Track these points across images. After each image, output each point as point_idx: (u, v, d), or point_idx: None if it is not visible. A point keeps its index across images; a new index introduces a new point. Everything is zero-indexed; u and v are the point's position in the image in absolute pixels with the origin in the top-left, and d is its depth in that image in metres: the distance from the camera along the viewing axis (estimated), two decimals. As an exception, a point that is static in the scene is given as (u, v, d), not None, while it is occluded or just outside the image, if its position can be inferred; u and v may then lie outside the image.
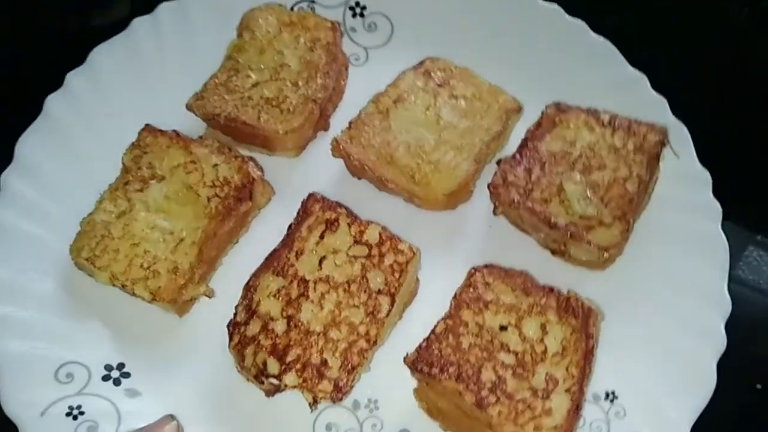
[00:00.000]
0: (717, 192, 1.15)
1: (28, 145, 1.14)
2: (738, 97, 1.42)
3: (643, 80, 1.25)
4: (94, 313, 1.04)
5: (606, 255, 1.06)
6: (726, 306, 1.04)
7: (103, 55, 1.24)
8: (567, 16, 1.31)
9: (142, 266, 1.03)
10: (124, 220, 1.06)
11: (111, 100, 1.22)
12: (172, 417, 0.94)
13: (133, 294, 1.02)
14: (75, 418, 0.94)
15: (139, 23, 1.27)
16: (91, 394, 0.97)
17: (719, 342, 1.02)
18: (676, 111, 1.22)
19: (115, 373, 1.00)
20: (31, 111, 1.17)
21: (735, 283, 1.16)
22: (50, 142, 1.15)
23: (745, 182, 1.29)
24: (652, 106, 1.22)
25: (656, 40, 1.44)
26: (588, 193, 1.09)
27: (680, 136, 1.19)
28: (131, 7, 1.45)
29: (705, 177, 1.15)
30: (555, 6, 1.32)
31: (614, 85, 1.26)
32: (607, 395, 1.01)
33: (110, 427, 0.94)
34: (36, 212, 1.09)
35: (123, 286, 1.02)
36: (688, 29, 1.31)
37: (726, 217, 1.13)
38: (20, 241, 1.06)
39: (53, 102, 1.18)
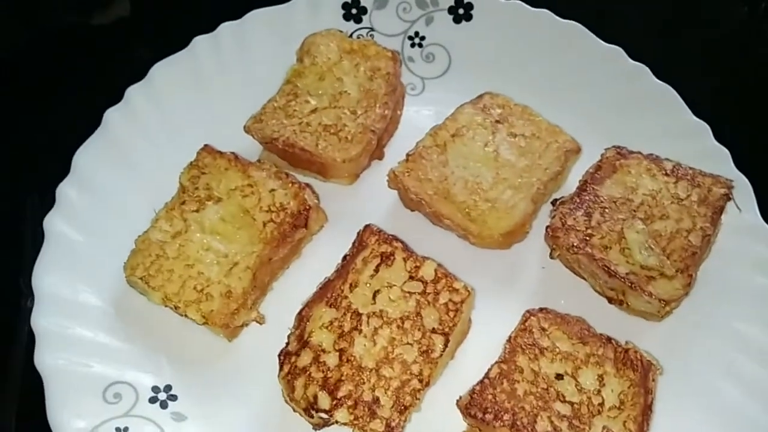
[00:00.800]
0: None
1: (86, 157, 1.14)
2: (738, 96, 1.40)
3: (706, 130, 1.23)
4: (144, 333, 1.04)
5: (666, 308, 1.03)
6: (785, 366, 1.01)
7: (163, 71, 1.24)
8: (629, 59, 1.30)
9: (195, 288, 1.02)
10: (179, 241, 1.06)
11: (170, 117, 1.23)
12: None
13: (185, 316, 1.01)
14: (120, 440, 0.92)
15: (200, 41, 1.28)
16: (137, 416, 0.95)
17: (779, 403, 0.99)
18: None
19: (162, 395, 0.99)
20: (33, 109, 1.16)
21: None
22: (108, 155, 1.16)
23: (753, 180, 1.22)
24: (715, 157, 1.20)
25: (655, 40, 1.44)
26: (650, 243, 1.07)
27: (742, 188, 1.16)
28: (131, 7, 1.47)
29: (766, 233, 1.13)
30: (617, 48, 1.30)
31: (675, 132, 1.24)
32: (664, 452, 0.99)
33: (155, 452, 0.93)
34: (90, 226, 1.09)
35: (175, 308, 1.01)
36: (687, 28, 1.29)
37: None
38: (73, 254, 1.06)
39: (113, 116, 1.18)
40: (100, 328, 1.02)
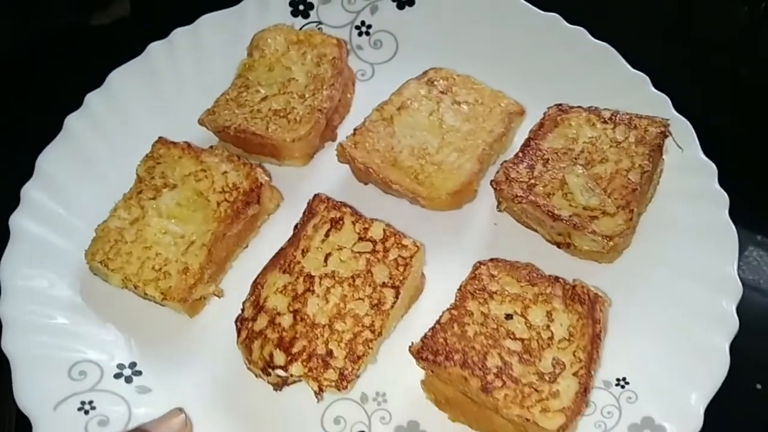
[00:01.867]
0: None
1: (48, 160, 1.19)
2: (738, 96, 1.41)
3: (644, 80, 1.26)
4: (108, 316, 1.07)
5: (611, 243, 1.05)
6: (737, 289, 1.03)
7: (120, 77, 1.30)
8: (566, 24, 1.35)
9: (153, 268, 1.06)
10: (137, 226, 1.10)
11: (127, 119, 1.28)
12: (180, 410, 0.95)
13: (145, 295, 1.05)
14: (86, 412, 0.95)
15: (154, 47, 1.34)
16: (103, 391, 0.98)
17: (731, 324, 1.00)
18: (678, 109, 1.23)
19: (127, 372, 1.02)
20: (34, 109, 1.17)
21: None
22: (69, 157, 1.21)
23: (745, 182, 1.27)
24: (654, 105, 1.23)
25: (656, 41, 1.46)
26: (590, 184, 1.10)
27: (684, 130, 1.19)
28: (130, 7, 1.50)
29: (710, 167, 1.15)
30: (554, 15, 1.35)
31: (616, 86, 1.27)
32: (618, 381, 0.99)
33: (121, 421, 0.95)
34: (54, 221, 1.14)
35: (135, 287, 1.05)
36: (687, 29, 1.32)
37: None
38: (39, 248, 1.10)
39: (73, 121, 1.24)
40: (64, 313, 1.05)
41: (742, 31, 1.50)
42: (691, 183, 1.15)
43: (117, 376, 1.01)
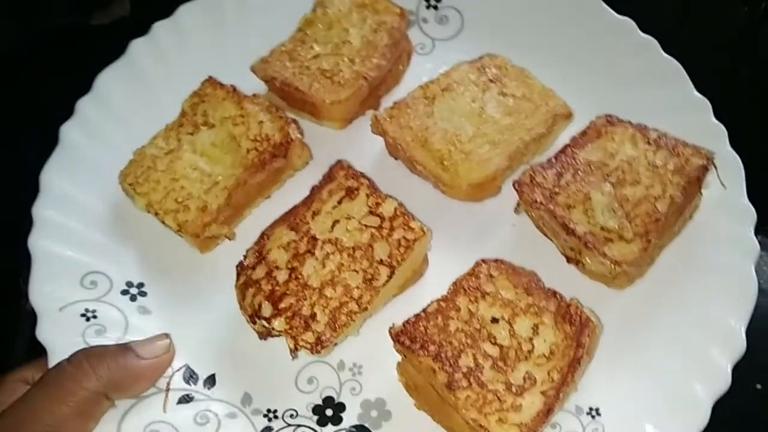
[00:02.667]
0: None
1: (107, 78, 1.26)
2: (737, 96, 1.37)
3: (706, 107, 1.19)
4: (129, 235, 1.14)
5: (618, 270, 1.02)
6: (739, 349, 0.98)
7: (188, 10, 1.34)
8: (639, 32, 1.28)
9: (176, 200, 1.12)
10: (170, 157, 1.16)
11: (191, 53, 1.32)
12: (166, 335, 1.01)
13: (164, 223, 1.11)
14: (88, 319, 1.03)
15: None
16: (107, 303, 1.06)
17: (723, 382, 0.95)
18: None
19: (133, 290, 1.09)
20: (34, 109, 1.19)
21: None
22: (127, 79, 1.27)
23: (746, 180, 1.20)
24: (709, 135, 1.16)
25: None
26: (614, 205, 1.06)
27: (733, 167, 1.13)
28: (130, 7, 1.50)
29: (751, 214, 1.09)
30: (628, 20, 1.29)
31: (674, 107, 1.21)
32: (590, 410, 0.98)
33: (115, 335, 1.03)
34: (101, 136, 1.21)
35: (156, 214, 1.12)
36: (687, 29, 1.25)
37: None
38: (82, 159, 1.18)
39: (136, 45, 1.30)
40: (90, 223, 1.13)
41: (742, 31, 1.46)
42: (725, 226, 1.09)
43: (123, 292, 1.08)
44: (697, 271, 1.07)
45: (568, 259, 1.10)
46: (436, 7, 1.40)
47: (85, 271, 1.08)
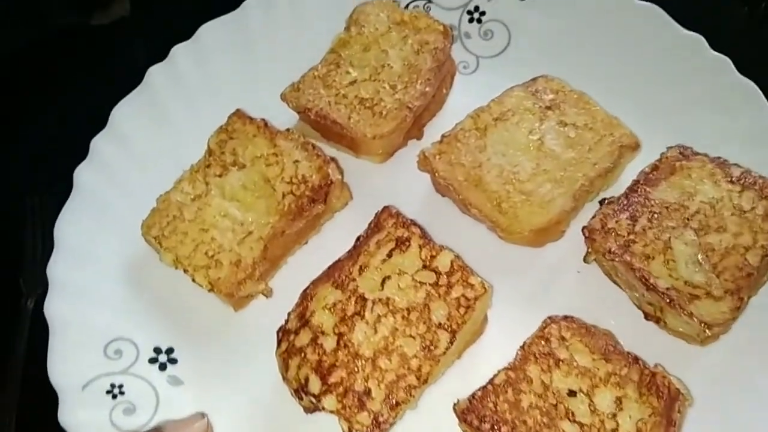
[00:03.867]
0: None
1: (123, 113, 1.15)
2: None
3: (790, 134, 1.08)
4: (154, 293, 1.05)
5: (708, 333, 0.91)
6: None
7: (211, 30, 1.23)
8: (710, 50, 1.16)
9: (206, 254, 1.01)
10: (198, 204, 1.05)
11: (212, 77, 1.23)
12: (203, 415, 0.91)
13: (193, 281, 1.01)
14: (114, 396, 0.94)
15: (247, 6, 1.25)
16: (134, 375, 0.96)
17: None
18: None
19: (162, 357, 0.99)
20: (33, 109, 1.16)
21: None
22: (145, 112, 1.17)
23: None
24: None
25: None
26: (700, 257, 0.95)
27: (826, 206, 1.01)
28: (130, 7, 1.45)
29: None
30: (698, 36, 1.16)
31: (754, 135, 1.09)
32: (684, 492, 0.88)
33: (146, 413, 0.93)
34: (119, 180, 1.12)
35: (185, 271, 1.01)
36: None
37: None
38: (98, 207, 1.08)
39: (154, 73, 1.18)
40: (112, 281, 1.04)
41: (742, 31, 1.39)
42: (820, 274, 0.98)
43: (152, 360, 0.99)
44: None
45: (647, 316, 0.99)
46: (480, 20, 1.28)
47: (108, 339, 0.98)
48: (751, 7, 1.43)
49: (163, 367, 0.98)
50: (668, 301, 0.93)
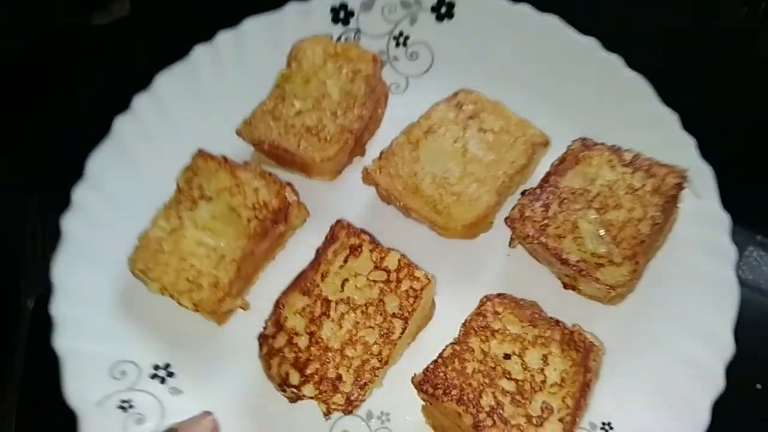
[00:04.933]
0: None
1: (97, 163, 1.29)
2: (737, 95, 1.39)
3: (673, 119, 1.27)
4: (146, 318, 1.19)
5: (613, 293, 1.10)
6: (729, 350, 1.07)
7: (165, 80, 1.37)
8: (603, 51, 1.34)
9: (187, 279, 1.16)
10: (174, 237, 1.20)
11: (173, 122, 1.35)
12: (209, 413, 1.07)
13: (179, 304, 1.16)
14: (125, 410, 1.08)
15: (198, 51, 1.40)
16: (139, 390, 1.11)
17: (717, 384, 1.05)
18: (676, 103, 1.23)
19: (161, 372, 1.14)
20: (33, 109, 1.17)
21: None
22: (116, 160, 1.30)
23: (746, 182, 1.28)
24: (679, 146, 1.24)
25: (654, 40, 1.43)
26: (601, 232, 1.14)
27: (704, 177, 1.21)
28: (130, 7, 1.48)
29: (724, 221, 1.17)
30: (592, 40, 1.35)
31: (644, 121, 1.28)
32: (603, 425, 1.07)
33: (155, 420, 1.08)
34: (101, 224, 1.24)
35: (171, 296, 1.16)
36: (687, 29, 1.32)
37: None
38: (86, 250, 1.21)
39: (120, 123, 1.32)
40: (108, 313, 1.17)
41: (742, 31, 1.46)
42: (703, 234, 1.18)
43: (152, 376, 1.14)
44: (680, 281, 1.16)
45: (565, 285, 1.18)
46: (405, 44, 1.45)
47: (112, 362, 1.13)
48: (751, 7, 1.46)
49: (163, 381, 1.13)
50: (579, 271, 1.12)
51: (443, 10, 1.44)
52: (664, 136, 1.26)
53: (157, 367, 1.15)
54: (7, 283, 1.22)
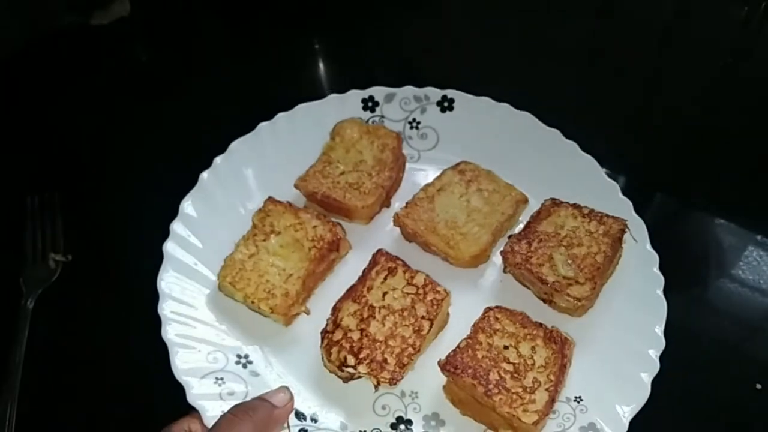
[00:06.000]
0: (716, 193, 1.33)
1: (188, 205, 1.66)
2: (737, 96, 1.52)
3: (616, 188, 1.74)
4: (232, 320, 1.52)
5: (579, 304, 1.53)
6: (659, 344, 1.48)
7: (237, 147, 1.75)
8: (563, 138, 1.84)
9: (264, 290, 1.52)
10: (253, 259, 1.57)
11: (246, 179, 1.73)
12: (286, 388, 1.41)
13: (258, 309, 1.52)
14: (219, 385, 1.40)
15: (262, 126, 1.81)
16: (228, 372, 1.44)
17: (654, 367, 1.46)
18: (677, 105, 1.44)
19: (243, 360, 1.47)
20: (33, 109, 1.27)
21: (735, 283, 1.34)
22: (204, 204, 1.66)
23: (747, 181, 1.39)
24: (622, 207, 1.70)
25: (654, 39, 1.61)
26: (569, 261, 1.58)
27: (639, 227, 1.67)
28: (130, 7, 1.53)
29: (653, 256, 1.61)
30: (555, 131, 1.84)
31: (595, 188, 1.75)
32: (576, 398, 1.45)
33: (241, 393, 1.41)
34: (194, 252, 1.58)
35: (252, 302, 1.52)
36: (686, 29, 1.35)
37: (726, 218, 1.34)
38: (184, 269, 1.56)
39: (205, 177, 1.71)
40: (202, 317, 1.51)
41: (742, 31, 1.53)
42: (640, 267, 1.63)
43: (236, 362, 1.47)
44: (626, 298, 1.58)
45: (544, 301, 1.60)
46: (417, 127, 1.90)
47: (208, 351, 1.46)
48: (751, 7, 1.49)
49: (245, 366, 1.46)
50: (555, 289, 1.55)
51: (446, 104, 1.90)
52: (610, 200, 1.72)
53: (239, 356, 1.48)
54: (7, 283, 1.28)
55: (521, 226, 1.67)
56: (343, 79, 1.79)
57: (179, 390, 0.99)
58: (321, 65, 1.88)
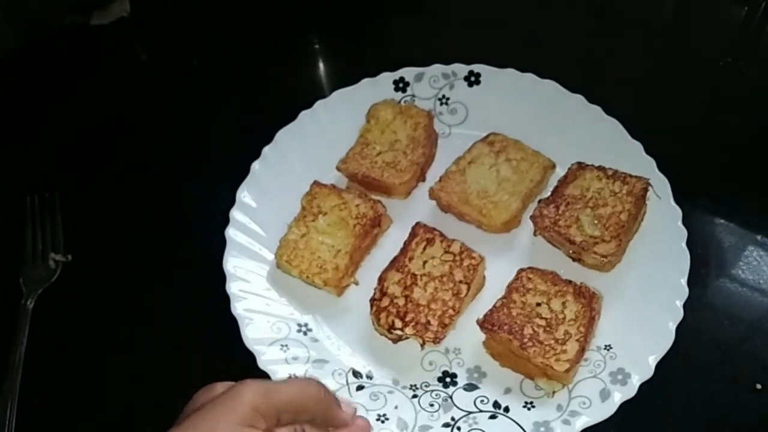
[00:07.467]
0: (716, 193, 1.39)
1: (243, 193, 1.85)
2: (738, 96, 1.55)
3: (640, 148, 1.83)
4: (290, 293, 1.69)
5: (606, 260, 1.65)
6: (684, 294, 1.60)
7: (282, 136, 1.92)
8: (587, 102, 1.92)
9: (317, 266, 1.69)
10: (305, 239, 1.73)
11: (292, 164, 1.88)
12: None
13: (313, 283, 1.70)
14: (285, 351, 1.60)
15: (304, 114, 1.97)
16: (291, 339, 1.63)
17: (678, 316, 1.57)
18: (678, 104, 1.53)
19: (303, 329, 1.65)
20: (33, 109, 1.26)
21: (735, 283, 1.38)
22: (255, 192, 1.84)
23: (748, 181, 1.43)
24: (646, 165, 1.79)
25: (654, 39, 1.63)
26: (595, 221, 1.70)
27: (663, 185, 1.76)
28: (130, 7, 1.52)
29: (677, 211, 1.71)
30: (579, 96, 1.93)
31: (620, 151, 1.85)
32: (606, 346, 1.57)
33: (303, 359, 1.60)
34: (253, 234, 1.77)
35: (306, 277, 1.69)
36: (686, 28, 1.34)
37: (725, 217, 1.41)
38: (245, 252, 1.75)
39: (256, 167, 1.88)
40: (263, 293, 1.70)
41: (742, 31, 1.54)
42: (664, 222, 1.73)
43: (298, 330, 1.66)
44: (650, 253, 1.69)
45: (573, 259, 1.73)
46: (446, 103, 2.02)
47: (271, 322, 1.65)
48: (751, 7, 1.47)
49: (305, 333, 1.63)
50: (583, 248, 1.67)
51: (473, 79, 2.00)
52: (635, 160, 1.82)
53: (299, 325, 1.66)
54: (7, 283, 1.27)
55: (549, 191, 1.77)
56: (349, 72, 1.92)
57: (181, 394, 1.02)
58: (321, 65, 2.12)
